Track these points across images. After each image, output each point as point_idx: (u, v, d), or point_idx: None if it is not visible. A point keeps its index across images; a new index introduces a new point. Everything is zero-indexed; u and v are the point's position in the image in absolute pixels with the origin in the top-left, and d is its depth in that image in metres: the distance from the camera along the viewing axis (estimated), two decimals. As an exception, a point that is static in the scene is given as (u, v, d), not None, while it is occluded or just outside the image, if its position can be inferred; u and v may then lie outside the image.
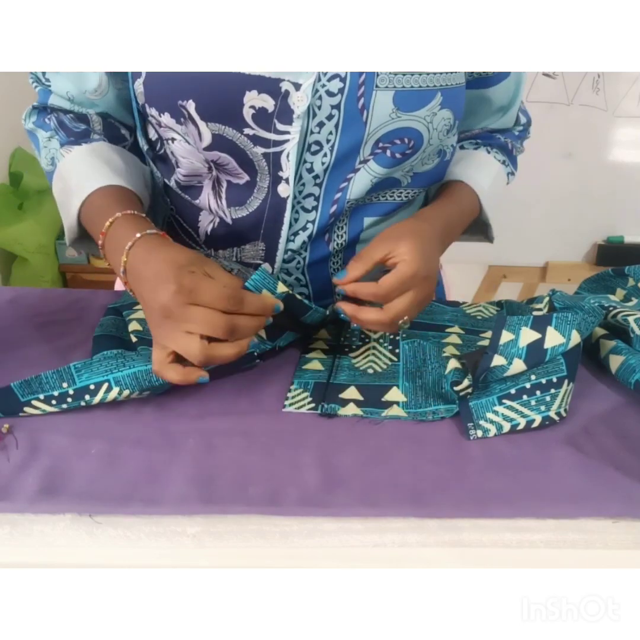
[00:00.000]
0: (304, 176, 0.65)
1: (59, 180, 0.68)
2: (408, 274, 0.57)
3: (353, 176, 0.65)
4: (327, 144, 0.63)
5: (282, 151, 0.62)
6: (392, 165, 0.65)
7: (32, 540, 0.45)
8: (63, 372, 0.56)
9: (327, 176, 0.65)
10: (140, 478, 0.49)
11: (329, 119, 0.61)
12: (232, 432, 0.54)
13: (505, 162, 0.80)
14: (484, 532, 0.46)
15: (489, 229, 0.79)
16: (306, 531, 0.46)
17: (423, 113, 0.62)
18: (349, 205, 0.67)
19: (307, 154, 0.63)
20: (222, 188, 0.67)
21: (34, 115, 0.73)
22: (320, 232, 0.69)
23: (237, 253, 0.72)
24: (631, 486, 0.49)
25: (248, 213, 0.67)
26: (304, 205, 0.67)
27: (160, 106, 0.62)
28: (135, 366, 0.55)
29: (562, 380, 0.56)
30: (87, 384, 0.55)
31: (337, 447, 0.53)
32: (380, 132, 0.62)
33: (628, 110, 1.56)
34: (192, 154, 0.65)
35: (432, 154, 0.68)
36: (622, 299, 0.74)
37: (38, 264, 1.84)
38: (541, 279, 1.77)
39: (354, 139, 0.62)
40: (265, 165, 0.63)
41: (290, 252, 0.70)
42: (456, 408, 0.57)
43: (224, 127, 0.60)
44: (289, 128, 0.61)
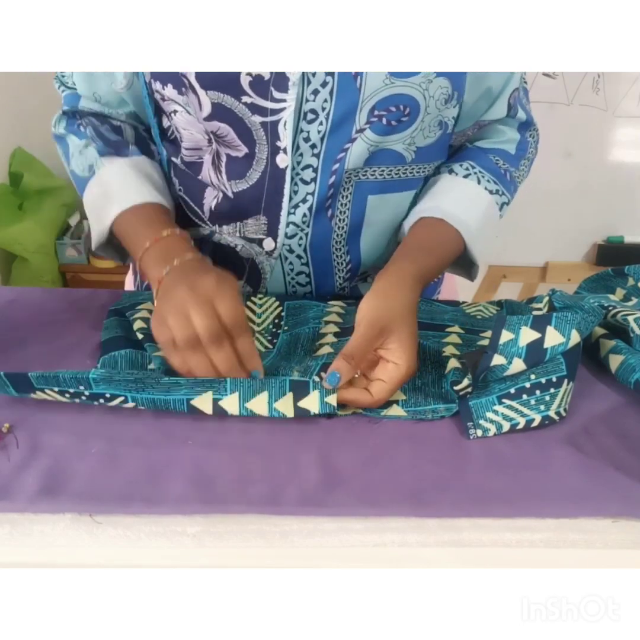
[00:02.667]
0: (301, 146, 0.65)
1: (97, 186, 0.71)
2: (403, 378, 0.56)
3: (350, 146, 0.65)
4: (322, 112, 0.63)
5: (279, 120, 0.63)
6: (388, 133, 0.65)
7: (32, 540, 0.45)
8: (81, 379, 0.54)
9: (324, 145, 0.65)
10: (140, 478, 0.49)
11: (323, 86, 0.62)
12: (232, 432, 0.54)
13: (499, 191, 0.74)
14: (483, 532, 0.46)
15: (474, 267, 0.76)
16: (306, 531, 0.46)
17: (418, 79, 0.62)
18: (348, 176, 0.68)
19: (303, 123, 0.64)
20: (221, 162, 0.69)
21: (64, 120, 0.75)
22: (321, 205, 0.69)
23: (241, 228, 0.73)
24: (631, 486, 0.49)
25: (248, 186, 0.69)
26: (302, 177, 0.67)
27: (163, 78, 0.65)
28: (154, 393, 0.54)
29: (561, 379, 0.56)
30: (103, 393, 0.54)
31: (337, 447, 0.53)
32: (375, 99, 0.62)
33: (628, 110, 1.56)
34: (192, 124, 0.67)
35: (433, 125, 0.68)
36: (622, 298, 0.74)
37: (38, 264, 1.84)
38: (541, 279, 1.77)
39: (348, 106, 0.63)
40: (263, 134, 0.64)
41: (292, 226, 0.70)
42: (456, 407, 0.57)
43: (222, 96, 0.62)
44: (285, 96, 0.62)
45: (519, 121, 0.78)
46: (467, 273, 0.79)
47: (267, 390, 0.55)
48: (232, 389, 0.54)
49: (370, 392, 0.56)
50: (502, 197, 0.75)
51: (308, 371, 0.59)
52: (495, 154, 0.76)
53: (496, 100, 0.73)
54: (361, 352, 0.56)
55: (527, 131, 0.80)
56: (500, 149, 0.77)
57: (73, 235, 1.93)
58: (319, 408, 0.54)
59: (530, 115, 0.80)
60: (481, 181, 0.74)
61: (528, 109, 0.79)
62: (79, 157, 0.73)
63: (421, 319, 0.71)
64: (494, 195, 0.74)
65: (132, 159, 0.72)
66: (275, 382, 0.55)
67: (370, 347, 0.57)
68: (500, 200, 0.75)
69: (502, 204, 0.76)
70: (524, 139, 0.80)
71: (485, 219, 0.73)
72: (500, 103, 0.73)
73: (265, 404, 0.54)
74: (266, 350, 0.66)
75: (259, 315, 0.71)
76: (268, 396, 0.55)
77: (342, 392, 0.55)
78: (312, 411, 0.54)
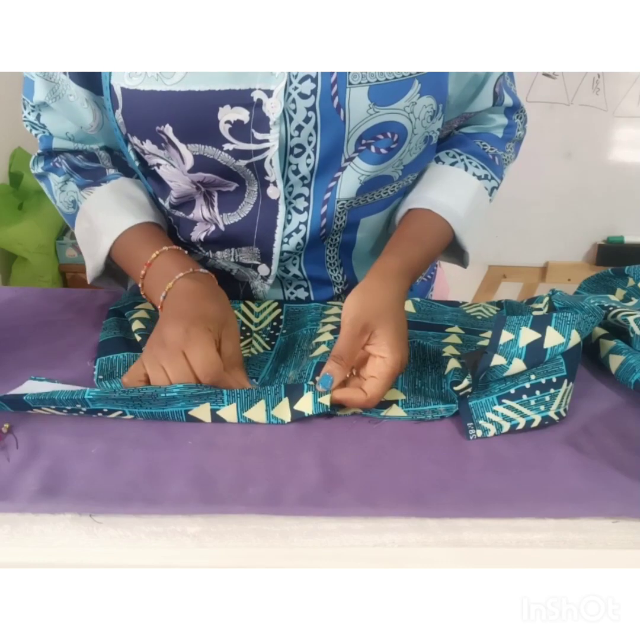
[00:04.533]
0: (291, 178, 0.65)
1: (84, 220, 0.70)
2: (393, 371, 0.55)
3: (340, 175, 0.65)
4: (309, 146, 0.63)
5: (264, 159, 0.62)
6: (380, 162, 0.65)
7: (32, 540, 0.45)
8: (77, 400, 0.53)
9: (314, 177, 0.65)
10: (140, 478, 0.49)
11: (306, 122, 0.61)
12: (232, 432, 0.54)
13: (488, 176, 0.74)
14: (483, 532, 0.46)
15: (465, 254, 0.76)
16: (306, 531, 0.46)
17: (402, 104, 0.61)
18: (341, 206, 0.67)
19: (290, 157, 0.63)
20: (213, 198, 0.68)
21: (41, 161, 0.75)
22: (315, 235, 0.69)
23: (235, 254, 0.72)
24: (631, 486, 0.49)
25: (240, 219, 0.68)
26: (295, 206, 0.67)
27: (140, 134, 0.63)
28: (152, 408, 0.54)
29: (561, 380, 0.56)
30: (100, 408, 0.54)
31: (337, 447, 0.53)
32: (361, 129, 0.62)
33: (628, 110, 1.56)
34: (178, 176, 0.66)
35: (419, 142, 0.68)
36: (622, 299, 0.74)
37: (38, 264, 1.84)
38: (541, 279, 1.77)
39: (334, 138, 0.62)
40: (251, 173, 0.64)
41: (287, 254, 0.70)
42: (456, 408, 0.57)
43: (203, 147, 0.61)
44: (267, 136, 0.60)
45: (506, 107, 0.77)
46: (459, 260, 0.79)
47: (263, 398, 0.56)
48: (230, 400, 0.55)
49: (364, 390, 0.55)
50: (491, 181, 0.75)
51: (303, 375, 0.59)
52: (482, 139, 0.76)
53: (481, 89, 0.71)
54: (348, 351, 0.56)
55: (513, 113, 0.79)
56: (487, 133, 0.77)
57: (73, 235, 1.93)
58: (313, 409, 0.55)
59: (516, 98, 0.78)
60: (469, 167, 0.73)
61: (513, 91, 0.77)
62: (61, 194, 0.72)
63: (421, 319, 0.71)
64: (483, 181, 0.74)
65: (111, 184, 0.70)
66: (271, 390, 0.56)
67: (357, 344, 0.57)
68: (489, 185, 0.75)
69: (491, 189, 0.75)
70: (512, 122, 0.79)
71: (474, 205, 0.72)
72: (485, 93, 0.72)
73: (263, 412, 0.55)
74: (264, 352, 0.67)
75: (257, 314, 0.71)
76: (265, 404, 0.56)
77: (336, 393, 0.55)
78: (307, 412, 0.55)
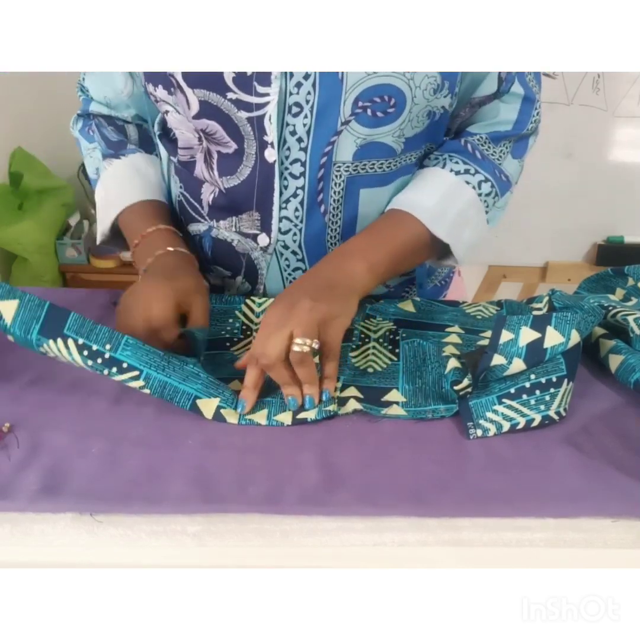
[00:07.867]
0: (288, 140, 0.66)
1: (102, 189, 0.79)
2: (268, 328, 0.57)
3: (337, 139, 0.66)
4: (306, 105, 0.64)
5: (264, 114, 0.64)
6: (376, 125, 0.65)
7: (32, 539, 0.45)
8: (114, 337, 0.55)
9: (310, 139, 0.66)
10: (140, 477, 0.49)
11: (305, 79, 0.63)
12: (232, 432, 0.54)
13: (469, 170, 0.72)
14: (483, 531, 0.46)
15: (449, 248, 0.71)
16: (306, 530, 0.46)
17: None
18: (337, 169, 0.68)
19: (288, 117, 0.65)
20: (213, 159, 0.71)
21: (80, 122, 0.84)
22: (312, 200, 0.70)
23: (236, 223, 0.74)
24: (630, 485, 0.49)
25: (239, 182, 0.70)
26: (291, 172, 0.68)
27: (154, 80, 0.67)
28: (171, 377, 0.56)
29: (561, 379, 0.56)
30: (123, 360, 0.55)
31: (337, 446, 0.53)
32: (358, 90, 0.63)
33: (628, 110, 1.56)
34: (183, 123, 0.70)
35: (421, 115, 0.67)
36: (621, 298, 0.74)
37: (38, 264, 1.84)
38: (541, 279, 1.77)
39: (331, 97, 0.63)
40: (250, 130, 0.66)
41: (285, 221, 0.71)
42: (456, 407, 0.57)
43: (208, 93, 0.64)
44: (268, 89, 0.63)
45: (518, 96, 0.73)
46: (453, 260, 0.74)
47: (267, 408, 0.57)
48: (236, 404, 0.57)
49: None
50: (475, 175, 0.72)
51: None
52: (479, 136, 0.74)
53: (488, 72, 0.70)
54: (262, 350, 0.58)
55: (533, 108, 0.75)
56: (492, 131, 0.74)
57: (73, 235, 1.93)
58: (316, 415, 0.56)
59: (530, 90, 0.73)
60: (447, 164, 0.72)
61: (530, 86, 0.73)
62: (88, 160, 0.81)
63: (421, 318, 0.71)
64: (463, 175, 0.72)
65: (128, 158, 0.79)
66: (276, 402, 0.58)
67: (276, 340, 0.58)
68: (474, 180, 0.72)
69: (478, 182, 0.72)
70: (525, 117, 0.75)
71: (448, 199, 0.71)
72: (490, 76, 0.70)
73: (265, 417, 0.57)
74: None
75: (258, 314, 0.71)
76: (268, 412, 0.57)
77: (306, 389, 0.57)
78: (310, 418, 0.56)
